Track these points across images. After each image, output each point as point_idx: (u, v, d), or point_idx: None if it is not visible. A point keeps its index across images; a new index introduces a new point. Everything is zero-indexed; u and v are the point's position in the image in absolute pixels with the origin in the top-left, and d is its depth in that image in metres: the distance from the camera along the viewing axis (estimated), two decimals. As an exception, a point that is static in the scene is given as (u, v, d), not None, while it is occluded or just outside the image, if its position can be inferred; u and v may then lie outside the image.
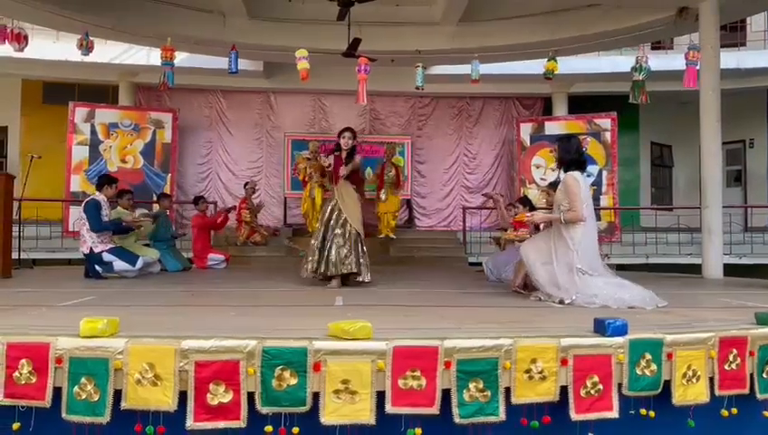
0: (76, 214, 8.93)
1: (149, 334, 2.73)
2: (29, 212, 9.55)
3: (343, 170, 5.86)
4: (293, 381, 2.58)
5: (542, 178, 11.44)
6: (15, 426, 2.58)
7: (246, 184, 10.59)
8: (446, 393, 2.66)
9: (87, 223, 6.51)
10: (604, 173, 11.43)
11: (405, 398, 2.63)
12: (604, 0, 8.71)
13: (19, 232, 8.10)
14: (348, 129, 6.09)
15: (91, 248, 6.49)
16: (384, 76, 11.35)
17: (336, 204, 5.90)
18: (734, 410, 3.03)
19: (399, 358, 2.65)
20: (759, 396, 3.09)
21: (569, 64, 11.16)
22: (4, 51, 8.73)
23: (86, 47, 8.40)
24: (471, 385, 2.68)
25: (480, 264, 8.27)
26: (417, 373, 2.65)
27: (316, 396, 2.59)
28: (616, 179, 11.43)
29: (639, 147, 14.00)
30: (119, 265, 6.48)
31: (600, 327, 2.93)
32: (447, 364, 2.66)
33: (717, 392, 2.99)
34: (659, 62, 11.02)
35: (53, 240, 10.31)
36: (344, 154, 5.93)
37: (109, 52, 11.01)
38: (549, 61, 9.04)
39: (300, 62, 8.06)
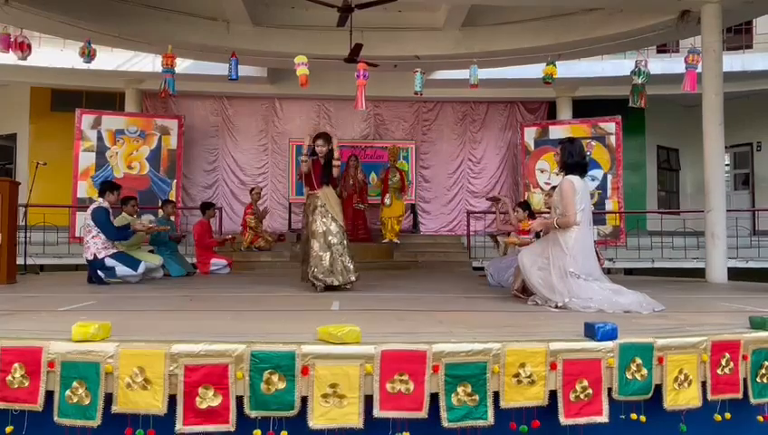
0: (83, 220, 9.02)
1: (141, 338, 2.76)
2: (36, 218, 9.67)
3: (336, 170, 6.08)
4: (282, 385, 2.60)
5: (546, 183, 11.43)
6: (8, 429, 2.61)
7: (252, 190, 10.66)
8: (435, 397, 2.67)
9: (94, 230, 6.55)
10: (609, 177, 11.39)
11: (393, 402, 2.64)
12: (606, 3, 8.71)
13: (25, 238, 8.21)
14: (321, 135, 6.14)
15: (94, 254, 6.54)
16: (388, 81, 11.44)
17: (321, 208, 5.92)
18: (728, 415, 3.02)
19: (387, 362, 2.66)
20: (753, 401, 3.07)
21: (573, 68, 11.18)
22: (13, 59, 8.84)
23: (88, 55, 8.49)
24: (459, 389, 2.68)
25: (484, 268, 8.27)
26: (406, 377, 2.66)
27: (304, 400, 2.61)
28: (621, 183, 11.37)
29: (646, 150, 13.93)
30: (121, 270, 6.53)
31: (590, 331, 2.92)
32: (435, 368, 2.67)
33: (710, 397, 2.97)
34: (664, 65, 11.04)
35: (60, 246, 10.42)
36: (322, 160, 6.01)
37: (115, 59, 11.17)
38: (548, 65, 9.04)
39: (299, 69, 8.11)
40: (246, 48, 9.52)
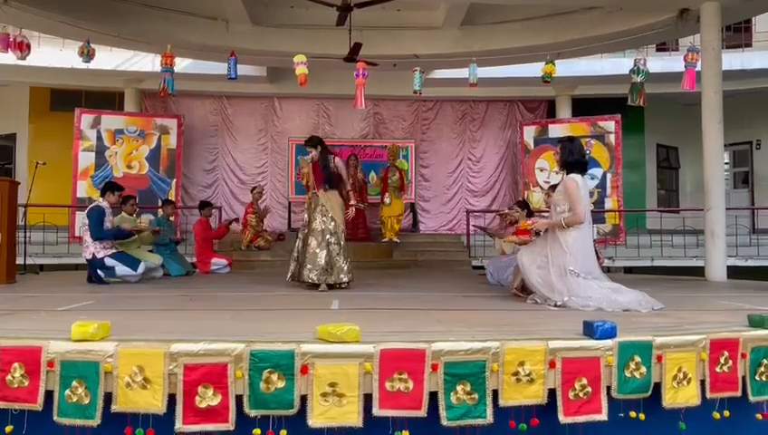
0: (82, 220, 9.01)
1: (140, 338, 2.77)
2: (36, 218, 9.67)
3: (342, 171, 6.17)
4: (281, 384, 2.61)
5: (545, 181, 11.40)
6: (8, 429, 2.62)
7: (254, 189, 10.64)
8: (434, 396, 2.68)
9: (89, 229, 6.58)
10: (608, 176, 11.39)
11: (392, 400, 2.65)
12: (605, 2, 8.71)
13: (25, 238, 8.20)
14: (307, 141, 6.23)
15: (93, 254, 6.54)
16: (387, 80, 11.43)
17: (322, 207, 5.98)
18: (727, 413, 3.02)
19: (387, 361, 2.66)
20: (751, 399, 3.07)
21: (572, 67, 11.18)
22: (12, 59, 8.83)
23: (87, 54, 8.50)
24: (458, 388, 2.69)
25: (483, 267, 8.27)
26: (405, 376, 2.66)
27: (304, 399, 2.61)
28: (620, 182, 11.37)
29: (645, 149, 13.95)
30: (120, 269, 6.53)
31: (589, 330, 2.93)
32: (434, 367, 2.68)
33: (709, 395, 2.98)
34: (664, 63, 11.03)
35: (60, 246, 10.41)
36: (320, 163, 6.08)
37: (114, 59, 11.17)
38: (547, 64, 9.05)
39: (298, 68, 8.11)
40: (246, 47, 9.52)
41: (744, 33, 12.32)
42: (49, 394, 2.60)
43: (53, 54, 10.86)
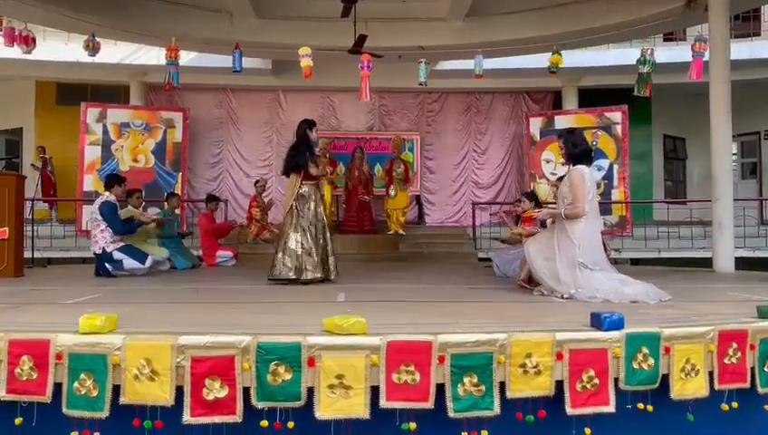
0: (89, 213, 9.04)
1: (147, 331, 2.78)
2: (43, 212, 9.72)
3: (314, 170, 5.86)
4: (288, 377, 2.61)
5: (552, 173, 11.38)
6: (18, 421, 2.65)
7: (257, 182, 10.63)
8: (441, 388, 2.68)
9: (102, 224, 6.56)
10: (615, 167, 11.33)
11: (399, 392, 2.65)
12: (612, -8, 8.64)
13: (32, 232, 8.24)
14: (310, 122, 6.01)
15: (103, 248, 6.56)
16: (392, 72, 11.38)
17: (318, 200, 5.83)
18: (735, 405, 3.01)
19: (393, 353, 2.66)
20: (760, 390, 3.06)
21: (578, 57, 11.10)
22: (18, 53, 8.85)
23: (92, 48, 8.50)
24: (465, 380, 2.69)
25: (490, 259, 8.27)
26: (411, 368, 2.66)
27: (311, 391, 2.62)
28: (627, 173, 11.32)
29: (652, 140, 13.86)
30: (128, 263, 6.55)
31: (597, 321, 2.92)
32: (441, 359, 2.68)
33: (717, 387, 2.97)
34: (671, 53, 10.93)
35: (67, 239, 10.45)
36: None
37: (119, 52, 11.17)
38: (553, 54, 8.98)
39: (303, 60, 8.07)
40: (250, 40, 9.49)
41: (753, 23, 12.19)
42: (57, 387, 2.62)
43: (59, 48, 10.88)
